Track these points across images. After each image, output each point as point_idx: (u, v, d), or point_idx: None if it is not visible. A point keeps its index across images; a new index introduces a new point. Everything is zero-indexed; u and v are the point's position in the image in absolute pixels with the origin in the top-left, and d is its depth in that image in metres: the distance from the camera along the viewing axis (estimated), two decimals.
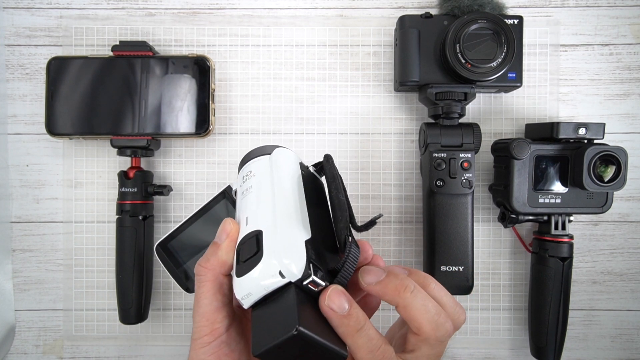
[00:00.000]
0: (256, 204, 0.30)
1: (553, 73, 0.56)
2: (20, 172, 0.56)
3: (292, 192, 0.31)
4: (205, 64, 0.52)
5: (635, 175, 0.56)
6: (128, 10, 0.56)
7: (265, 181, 0.32)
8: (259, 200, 0.31)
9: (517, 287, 0.57)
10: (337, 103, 0.56)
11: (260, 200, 0.30)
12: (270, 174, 0.32)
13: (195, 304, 0.30)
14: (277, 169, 0.32)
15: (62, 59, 0.52)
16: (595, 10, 0.56)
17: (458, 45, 0.48)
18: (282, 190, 0.30)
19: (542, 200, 0.50)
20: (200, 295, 0.29)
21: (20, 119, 0.56)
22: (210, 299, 0.29)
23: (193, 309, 0.30)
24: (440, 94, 0.50)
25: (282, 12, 0.56)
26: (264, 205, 0.30)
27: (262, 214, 0.29)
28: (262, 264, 0.25)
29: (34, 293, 0.57)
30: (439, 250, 0.50)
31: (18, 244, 0.57)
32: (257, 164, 0.34)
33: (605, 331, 0.57)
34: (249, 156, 0.36)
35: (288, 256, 0.25)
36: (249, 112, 0.56)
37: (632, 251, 0.57)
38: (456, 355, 0.57)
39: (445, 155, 0.50)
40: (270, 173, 0.32)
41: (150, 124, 0.52)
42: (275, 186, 0.31)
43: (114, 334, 0.56)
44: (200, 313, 0.29)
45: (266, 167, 0.33)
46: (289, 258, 0.25)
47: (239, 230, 0.30)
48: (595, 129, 0.49)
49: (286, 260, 0.25)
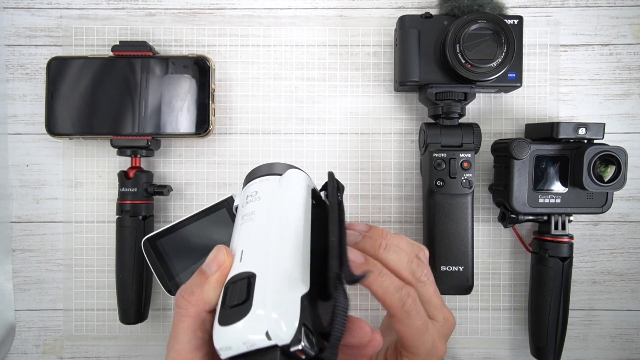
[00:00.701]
0: (254, 238, 0.28)
1: (553, 73, 0.56)
2: (20, 172, 0.56)
3: (296, 231, 0.28)
4: (205, 64, 0.52)
5: (635, 175, 0.56)
6: (128, 10, 0.56)
7: (269, 211, 0.29)
8: (258, 234, 0.28)
9: (517, 287, 0.57)
10: (337, 103, 0.56)
11: (260, 234, 0.28)
12: (277, 202, 0.29)
13: (172, 338, 0.27)
14: (285, 197, 0.30)
15: (62, 59, 0.52)
16: (595, 10, 0.56)
17: (458, 45, 0.48)
18: (286, 228, 0.28)
19: (542, 200, 0.50)
20: (179, 330, 0.27)
21: (20, 119, 0.56)
22: (189, 337, 0.27)
23: (168, 342, 0.27)
24: (440, 94, 0.50)
25: (282, 12, 0.56)
26: (264, 243, 0.27)
27: (260, 253, 0.26)
28: (248, 318, 0.23)
29: (34, 293, 0.57)
30: (439, 250, 0.50)
31: (18, 244, 0.57)
32: (264, 184, 0.31)
33: (605, 331, 0.57)
34: (257, 172, 0.33)
35: (279, 314, 0.23)
36: (249, 112, 0.56)
37: (632, 251, 0.57)
38: (456, 355, 0.57)
39: (445, 155, 0.50)
40: (277, 201, 0.29)
41: (150, 124, 0.52)
42: (280, 220, 0.28)
43: (114, 334, 0.56)
44: (176, 350, 0.26)
45: (274, 191, 0.30)
46: (280, 317, 0.23)
47: (231, 264, 0.27)
48: (595, 129, 0.49)
49: (275, 318, 0.23)
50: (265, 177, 0.32)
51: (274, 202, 0.29)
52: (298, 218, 0.28)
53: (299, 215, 0.29)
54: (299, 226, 0.28)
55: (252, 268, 0.25)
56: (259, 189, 0.31)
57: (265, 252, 0.26)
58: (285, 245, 0.27)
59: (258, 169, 0.33)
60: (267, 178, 0.32)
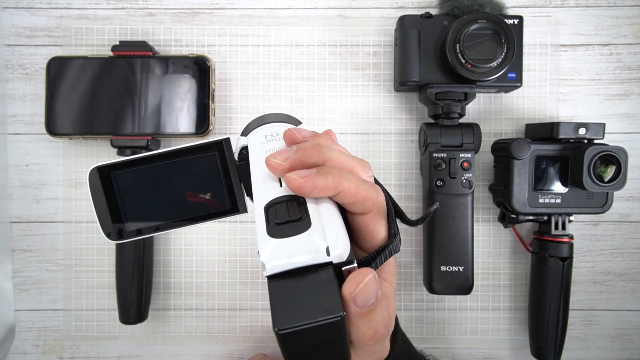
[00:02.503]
0: None
1: (553, 73, 0.56)
2: (20, 172, 0.56)
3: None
4: (205, 64, 0.52)
5: (635, 175, 0.56)
6: (128, 10, 0.56)
7: None
8: None
9: (517, 287, 0.57)
10: (337, 103, 0.56)
11: None
12: None
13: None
14: None
15: (62, 59, 0.52)
16: (595, 10, 0.56)
17: (458, 45, 0.48)
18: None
19: (542, 200, 0.50)
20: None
21: (20, 119, 0.56)
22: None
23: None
24: (440, 94, 0.50)
25: (282, 12, 0.56)
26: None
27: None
28: (310, 232, 0.23)
29: (34, 293, 0.57)
30: (439, 250, 0.50)
31: (18, 244, 0.57)
32: (285, 128, 0.30)
33: (605, 331, 0.57)
34: (270, 118, 0.32)
35: (337, 233, 0.23)
36: (249, 112, 0.56)
37: (632, 251, 0.57)
38: (456, 355, 0.57)
39: (445, 155, 0.50)
40: None
41: (150, 124, 0.52)
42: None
43: (114, 334, 0.56)
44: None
45: None
46: (338, 237, 0.23)
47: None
48: (595, 129, 0.49)
49: (334, 235, 0.23)
50: (282, 124, 0.31)
51: None
52: None
53: None
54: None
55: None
56: (279, 131, 0.30)
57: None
58: None
59: (269, 115, 0.32)
60: (284, 125, 0.31)
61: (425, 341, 0.57)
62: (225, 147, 0.31)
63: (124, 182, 0.32)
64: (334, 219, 0.24)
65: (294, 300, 0.22)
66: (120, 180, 0.32)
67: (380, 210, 0.27)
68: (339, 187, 0.25)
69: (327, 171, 0.25)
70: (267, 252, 0.23)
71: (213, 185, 0.31)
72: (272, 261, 0.22)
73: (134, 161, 0.31)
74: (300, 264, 0.22)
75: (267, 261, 0.23)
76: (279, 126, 0.31)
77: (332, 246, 0.22)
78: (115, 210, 0.32)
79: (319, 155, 0.26)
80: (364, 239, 0.28)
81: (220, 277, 0.56)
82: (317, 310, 0.21)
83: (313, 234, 0.23)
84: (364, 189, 0.26)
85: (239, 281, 0.56)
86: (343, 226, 0.25)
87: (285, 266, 0.22)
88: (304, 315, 0.21)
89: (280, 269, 0.22)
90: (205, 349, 0.57)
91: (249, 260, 0.56)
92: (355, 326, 0.24)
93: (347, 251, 0.23)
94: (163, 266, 0.56)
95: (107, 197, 0.32)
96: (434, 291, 0.51)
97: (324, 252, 0.22)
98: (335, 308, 0.21)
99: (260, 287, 0.57)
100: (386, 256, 0.26)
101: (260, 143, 0.30)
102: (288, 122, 0.32)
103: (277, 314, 0.21)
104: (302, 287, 0.22)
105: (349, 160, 0.27)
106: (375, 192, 0.27)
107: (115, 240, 0.31)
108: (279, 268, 0.22)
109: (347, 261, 0.23)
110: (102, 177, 0.31)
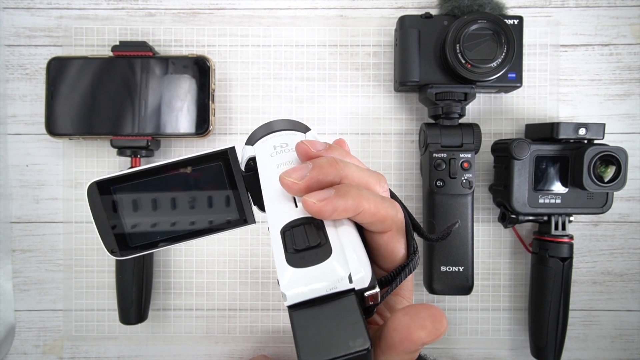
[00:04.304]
0: None
1: (553, 73, 0.56)
2: (20, 172, 0.56)
3: None
4: (205, 64, 0.52)
5: (635, 175, 0.56)
6: (128, 10, 0.56)
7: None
8: None
9: (517, 287, 0.57)
10: (337, 103, 0.56)
11: None
12: None
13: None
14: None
15: (62, 59, 0.52)
16: (595, 11, 0.56)
17: (458, 45, 0.48)
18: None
19: (542, 200, 0.50)
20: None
21: (20, 119, 0.56)
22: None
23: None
24: (440, 94, 0.50)
25: (282, 12, 0.56)
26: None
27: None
28: (330, 261, 0.22)
29: (34, 293, 0.57)
30: (439, 250, 0.50)
31: (18, 244, 0.57)
32: (293, 138, 0.29)
33: (605, 331, 0.57)
34: (277, 125, 0.31)
35: (358, 257, 0.22)
36: (249, 112, 0.56)
37: (632, 251, 0.56)
38: (456, 356, 0.57)
39: (445, 156, 0.50)
40: None
41: (150, 124, 0.52)
42: None
43: (114, 334, 0.56)
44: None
45: None
46: (360, 262, 0.22)
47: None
48: (596, 129, 0.49)
49: (356, 261, 0.22)
50: (291, 132, 0.30)
51: None
52: None
53: None
54: None
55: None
56: (288, 141, 0.29)
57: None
58: None
59: (277, 122, 0.31)
60: (293, 133, 0.30)
61: None
62: (231, 157, 0.30)
63: (125, 196, 0.30)
64: (354, 242, 0.24)
65: (318, 331, 0.21)
66: (121, 194, 0.30)
67: (399, 228, 0.27)
68: (358, 208, 0.24)
69: (346, 192, 0.24)
70: (287, 282, 0.22)
71: (219, 196, 0.30)
72: (292, 290, 0.22)
73: (134, 174, 0.30)
74: (322, 292, 0.22)
75: (288, 291, 0.22)
76: (287, 135, 0.30)
77: (354, 272, 0.22)
78: (117, 226, 0.30)
79: (336, 173, 0.25)
80: (383, 257, 0.27)
81: (220, 277, 0.56)
82: (343, 342, 0.21)
83: (334, 261, 0.22)
84: (384, 207, 0.25)
85: (239, 281, 0.56)
86: (363, 248, 0.24)
87: (306, 296, 0.22)
88: (331, 349, 0.20)
89: (301, 299, 0.22)
90: (205, 349, 0.57)
91: (249, 260, 0.56)
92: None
93: (369, 276, 0.22)
94: (163, 266, 0.56)
95: (108, 212, 0.30)
96: (434, 291, 0.51)
97: (346, 279, 0.22)
98: (363, 340, 0.21)
99: (260, 287, 0.57)
100: (406, 274, 0.26)
101: (270, 155, 0.29)
102: (296, 129, 0.31)
103: (304, 348, 0.21)
104: (326, 317, 0.22)
105: (365, 175, 0.27)
106: (394, 209, 0.26)
107: (118, 257, 0.30)
108: (300, 297, 0.22)
109: (370, 287, 0.22)
110: (101, 191, 0.30)
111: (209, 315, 0.57)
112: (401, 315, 0.23)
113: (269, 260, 0.56)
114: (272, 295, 0.57)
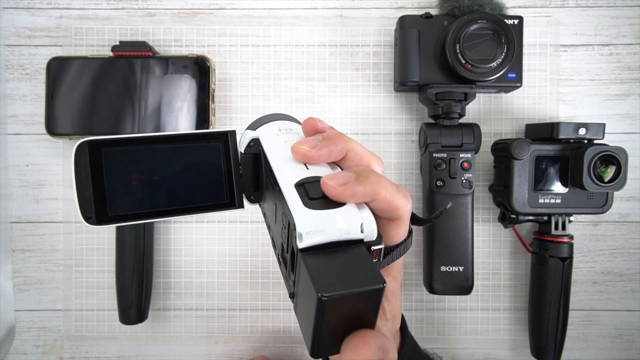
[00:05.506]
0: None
1: (553, 73, 0.56)
2: (20, 172, 0.56)
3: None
4: (205, 64, 0.52)
5: (635, 175, 0.56)
6: (128, 10, 0.56)
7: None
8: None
9: (517, 287, 0.57)
10: (337, 103, 0.56)
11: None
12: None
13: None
14: None
15: (62, 59, 0.52)
16: (595, 11, 0.56)
17: (458, 45, 0.48)
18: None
19: (542, 200, 0.50)
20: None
21: (20, 119, 0.56)
22: None
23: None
24: (440, 94, 0.50)
25: (282, 12, 0.56)
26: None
27: (324, 167, 0.26)
28: (346, 208, 0.23)
29: (34, 293, 0.57)
30: (439, 250, 0.50)
31: (18, 244, 0.57)
32: (296, 127, 0.30)
33: (605, 331, 0.57)
34: (278, 116, 0.32)
35: (369, 213, 0.24)
36: (249, 112, 0.56)
37: (632, 251, 0.56)
38: (456, 356, 0.57)
39: (445, 156, 0.50)
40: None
41: (150, 124, 0.52)
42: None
43: (114, 334, 0.56)
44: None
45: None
46: (370, 216, 0.23)
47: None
48: (596, 129, 0.49)
49: (367, 215, 0.23)
50: (293, 122, 0.32)
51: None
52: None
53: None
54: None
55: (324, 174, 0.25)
56: (292, 127, 0.30)
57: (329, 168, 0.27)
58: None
59: (278, 115, 0.33)
60: (293, 122, 0.31)
61: (425, 341, 0.57)
62: (231, 139, 0.30)
63: (115, 161, 0.29)
64: (363, 203, 0.25)
65: (332, 270, 0.22)
66: (110, 158, 0.29)
67: (406, 218, 0.27)
68: (375, 195, 0.24)
69: (366, 177, 0.24)
70: (304, 223, 0.22)
71: (212, 176, 0.30)
72: (309, 228, 0.22)
73: (130, 140, 0.29)
74: (336, 237, 0.22)
75: (305, 229, 0.22)
76: (289, 123, 0.31)
77: (365, 223, 0.23)
78: (99, 192, 0.29)
79: (344, 144, 0.26)
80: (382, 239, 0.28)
81: (220, 277, 0.56)
82: (359, 279, 0.21)
83: (349, 209, 0.23)
84: (398, 197, 0.25)
85: (239, 281, 0.56)
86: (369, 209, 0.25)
87: (321, 236, 0.22)
88: (348, 284, 0.21)
89: (316, 240, 0.22)
90: (205, 349, 0.57)
91: (248, 260, 0.56)
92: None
93: (376, 230, 0.23)
94: (163, 266, 0.56)
95: (93, 176, 0.28)
96: (434, 291, 0.51)
97: (358, 228, 0.23)
98: (378, 278, 0.21)
99: (260, 287, 0.57)
100: (399, 254, 0.27)
101: (275, 135, 0.29)
102: (294, 122, 0.33)
103: (319, 281, 0.21)
104: (339, 260, 0.22)
105: (368, 152, 0.28)
106: (406, 200, 0.26)
107: (94, 224, 0.28)
108: (315, 238, 0.22)
109: (376, 241, 0.23)
110: (91, 152, 0.29)
111: (209, 315, 0.57)
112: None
113: (269, 260, 0.56)
114: (272, 295, 0.57)
